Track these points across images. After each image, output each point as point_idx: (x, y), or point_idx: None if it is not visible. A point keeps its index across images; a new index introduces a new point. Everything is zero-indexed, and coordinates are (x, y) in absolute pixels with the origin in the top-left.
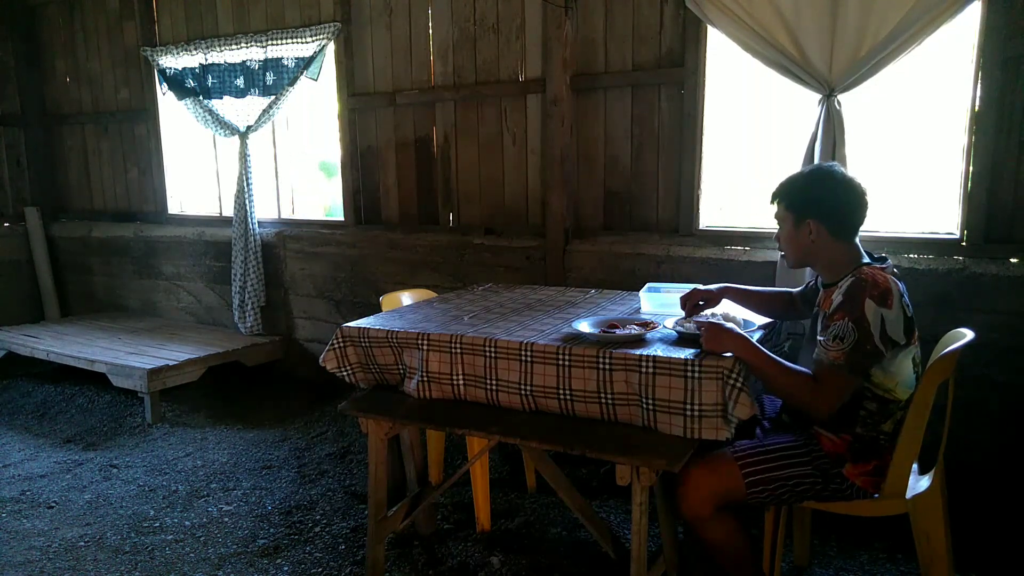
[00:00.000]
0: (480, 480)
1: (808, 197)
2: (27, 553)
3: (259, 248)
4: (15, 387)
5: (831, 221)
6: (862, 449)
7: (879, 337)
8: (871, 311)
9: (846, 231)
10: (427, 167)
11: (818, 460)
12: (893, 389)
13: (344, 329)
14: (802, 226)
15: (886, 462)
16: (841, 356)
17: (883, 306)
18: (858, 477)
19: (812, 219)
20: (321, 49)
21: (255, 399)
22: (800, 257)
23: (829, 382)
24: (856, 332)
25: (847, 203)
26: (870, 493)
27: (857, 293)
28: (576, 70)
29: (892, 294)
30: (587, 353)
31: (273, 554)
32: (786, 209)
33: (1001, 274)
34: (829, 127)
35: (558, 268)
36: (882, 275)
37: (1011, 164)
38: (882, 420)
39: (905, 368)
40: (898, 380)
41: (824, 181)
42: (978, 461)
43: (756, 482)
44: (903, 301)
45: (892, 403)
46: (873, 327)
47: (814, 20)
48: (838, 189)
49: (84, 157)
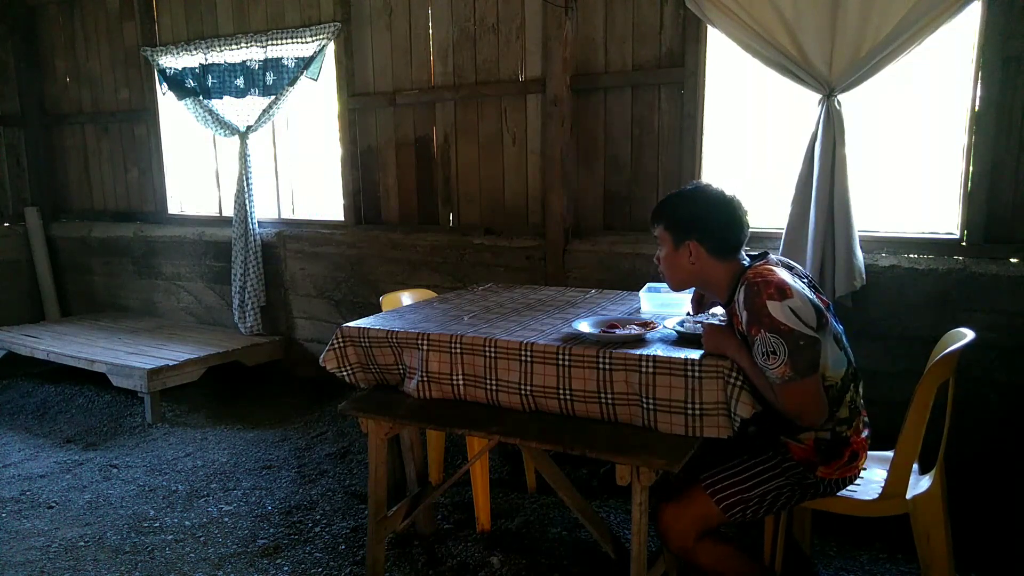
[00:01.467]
0: (480, 480)
1: (686, 217)
2: (27, 553)
3: (259, 248)
4: (15, 387)
5: (711, 241)
6: (828, 448)
7: (804, 326)
8: (777, 310)
9: (727, 250)
10: (427, 167)
11: (790, 471)
12: (829, 375)
13: (344, 329)
14: (682, 248)
15: (856, 446)
16: (786, 368)
17: (785, 299)
18: (834, 472)
19: (692, 240)
20: (321, 49)
21: (255, 399)
22: (682, 279)
23: (795, 396)
24: (781, 338)
25: (727, 222)
26: (852, 480)
27: (755, 300)
28: (576, 70)
29: (786, 283)
30: (587, 353)
31: (273, 554)
32: (664, 230)
33: (1001, 274)
34: (829, 127)
35: (558, 268)
36: (767, 270)
37: (1011, 164)
38: (835, 409)
39: (831, 350)
40: (830, 363)
41: (702, 200)
42: (978, 460)
43: (731, 505)
44: (800, 286)
45: (831, 387)
46: (791, 323)
47: (814, 20)
48: (717, 208)
49: (84, 157)
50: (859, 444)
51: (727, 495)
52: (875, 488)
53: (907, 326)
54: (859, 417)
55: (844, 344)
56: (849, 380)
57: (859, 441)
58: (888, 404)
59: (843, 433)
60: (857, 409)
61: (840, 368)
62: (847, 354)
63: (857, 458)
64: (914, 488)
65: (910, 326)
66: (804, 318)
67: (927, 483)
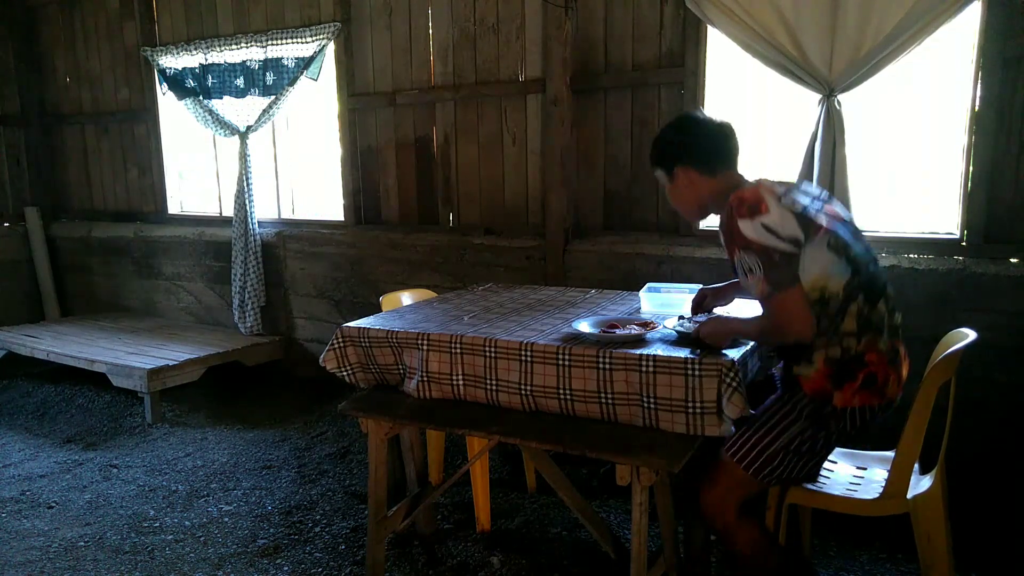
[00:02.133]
0: (480, 480)
1: (668, 147)
2: (27, 553)
3: (259, 248)
4: (15, 387)
5: (697, 161)
6: (840, 370)
7: (778, 242)
8: (748, 228)
9: (716, 164)
10: (427, 167)
11: (806, 410)
12: (826, 285)
13: (344, 329)
14: (675, 178)
15: (873, 367)
16: (763, 283)
17: (757, 215)
18: (852, 399)
19: (679, 166)
20: (321, 49)
21: (255, 399)
22: (689, 208)
23: (777, 311)
24: (755, 255)
25: (706, 138)
26: (880, 412)
27: (728, 222)
28: (576, 70)
29: (762, 199)
30: (587, 353)
31: (273, 554)
32: (658, 168)
33: (1001, 274)
34: (829, 127)
35: (558, 268)
36: (748, 190)
37: (1011, 164)
38: (839, 320)
39: (824, 259)
40: (824, 274)
41: (678, 126)
42: (977, 460)
43: (759, 467)
44: (783, 199)
45: (832, 298)
46: (764, 240)
47: (814, 20)
48: (694, 128)
49: (84, 157)
50: (877, 366)
51: (751, 456)
52: (876, 488)
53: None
54: (876, 334)
55: (853, 255)
56: (855, 290)
57: (876, 360)
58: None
59: (853, 349)
60: (871, 323)
61: (842, 277)
62: (855, 266)
63: (875, 381)
64: (915, 488)
65: (910, 326)
66: (781, 232)
67: (928, 483)
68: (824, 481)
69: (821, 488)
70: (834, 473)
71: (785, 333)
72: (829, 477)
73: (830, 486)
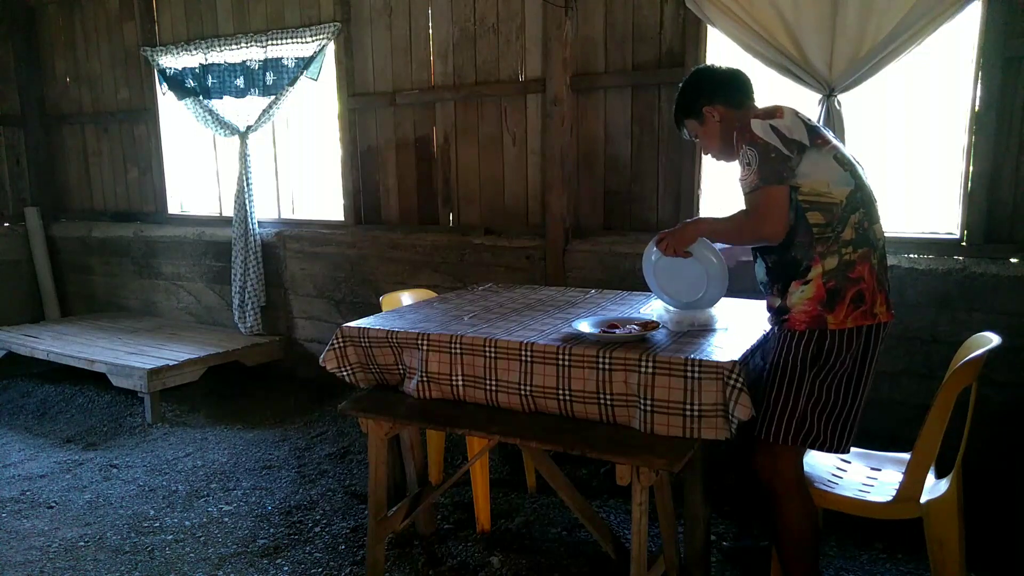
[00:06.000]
0: (480, 480)
1: (691, 94)
2: (27, 553)
3: (259, 248)
4: (15, 387)
5: (724, 96)
6: (835, 286)
7: (780, 143)
8: (759, 127)
9: (741, 96)
10: (427, 167)
11: (806, 354)
12: (828, 191)
13: (344, 329)
14: (706, 119)
15: (860, 282)
16: (755, 176)
17: (771, 118)
18: (846, 320)
19: (707, 107)
20: (321, 49)
21: (255, 399)
22: (725, 143)
23: (759, 203)
24: (755, 149)
25: (726, 75)
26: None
27: (744, 122)
28: (576, 70)
29: (781, 109)
30: (587, 353)
31: (273, 554)
32: (686, 118)
33: (1001, 274)
34: (829, 127)
35: (558, 268)
36: (772, 106)
37: (1011, 164)
38: (840, 229)
39: (828, 166)
40: (827, 179)
41: (695, 76)
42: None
43: (795, 434)
44: (798, 115)
45: (834, 205)
46: (768, 138)
47: (814, 20)
48: (710, 72)
49: (84, 157)
50: (867, 282)
51: (783, 430)
52: (889, 490)
53: (907, 326)
54: (871, 249)
55: (857, 173)
56: (856, 203)
57: (867, 276)
58: (887, 403)
59: (849, 257)
60: (868, 239)
61: (844, 187)
62: (858, 181)
63: (863, 301)
64: (929, 493)
65: (910, 326)
66: (788, 134)
67: (944, 488)
68: (836, 482)
69: (832, 489)
70: (847, 474)
71: (758, 229)
72: (841, 478)
73: (842, 487)
